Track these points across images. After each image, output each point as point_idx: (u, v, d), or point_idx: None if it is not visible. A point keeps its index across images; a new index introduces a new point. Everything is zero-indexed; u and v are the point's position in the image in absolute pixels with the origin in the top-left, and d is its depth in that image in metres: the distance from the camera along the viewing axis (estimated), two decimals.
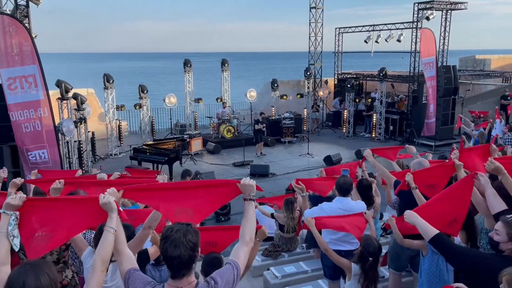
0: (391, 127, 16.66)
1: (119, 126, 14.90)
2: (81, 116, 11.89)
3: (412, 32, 16.49)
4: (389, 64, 20.72)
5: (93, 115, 15.54)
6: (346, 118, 17.31)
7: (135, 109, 15.36)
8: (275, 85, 17.77)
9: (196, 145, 14.29)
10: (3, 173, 4.39)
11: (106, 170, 9.11)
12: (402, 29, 17.08)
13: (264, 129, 15.00)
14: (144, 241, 2.76)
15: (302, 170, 12.66)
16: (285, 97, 18.05)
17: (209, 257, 3.26)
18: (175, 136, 14.85)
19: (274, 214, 6.15)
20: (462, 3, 17.01)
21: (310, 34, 19.90)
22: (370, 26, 18.41)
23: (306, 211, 4.87)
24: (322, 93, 19.03)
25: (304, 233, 6.37)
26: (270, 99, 18.42)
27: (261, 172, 12.16)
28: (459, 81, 17.14)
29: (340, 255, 4.00)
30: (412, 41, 16.48)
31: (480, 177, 3.04)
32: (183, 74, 16.64)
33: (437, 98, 14.76)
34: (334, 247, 4.26)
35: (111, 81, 14.16)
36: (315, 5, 19.47)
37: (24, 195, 2.28)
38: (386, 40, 17.65)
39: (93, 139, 13.60)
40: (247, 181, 2.48)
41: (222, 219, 8.96)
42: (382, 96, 16.50)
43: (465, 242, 3.30)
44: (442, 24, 18.01)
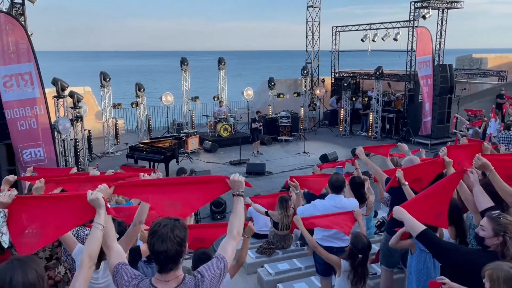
0: (388, 126, 16.71)
1: (116, 125, 14.90)
2: (77, 114, 11.89)
3: (408, 31, 16.54)
4: (386, 63, 20.72)
5: (90, 113, 15.53)
6: (342, 116, 17.35)
7: (132, 107, 15.35)
8: (272, 83, 17.80)
9: (192, 143, 14.30)
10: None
11: (102, 168, 9.12)
12: (398, 28, 17.12)
13: (260, 127, 15.03)
14: (134, 237, 2.79)
15: (298, 168, 12.69)
16: (282, 95, 18.08)
17: (197, 252, 3.30)
18: (172, 134, 14.86)
19: (269, 212, 6.18)
20: (458, 2, 17.06)
21: (307, 33, 19.92)
22: (367, 25, 18.44)
23: (299, 208, 4.91)
24: (319, 91, 19.06)
25: (298, 230, 6.41)
26: (267, 98, 18.44)
27: (257, 170, 12.18)
28: (456, 80, 17.20)
29: (332, 252, 4.04)
30: (408, 40, 16.54)
31: (470, 173, 3.08)
32: (180, 72, 16.65)
33: (433, 96, 14.82)
34: (326, 244, 4.30)
35: (108, 79, 14.15)
36: (312, 4, 19.49)
37: (14, 193, 2.29)
38: (382, 39, 17.69)
39: (89, 137, 13.60)
40: (236, 177, 2.51)
41: (218, 217, 9.00)
42: (378, 94, 16.54)
43: (454, 238, 3.34)
44: (438, 23, 18.07)
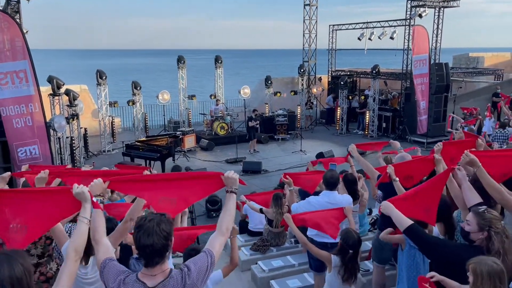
0: (384, 124, 16.75)
1: (112, 123, 14.89)
2: (73, 112, 11.88)
3: (405, 29, 16.57)
4: (383, 61, 20.77)
5: (86, 112, 15.52)
6: (339, 115, 17.38)
7: (129, 105, 15.34)
8: (269, 82, 17.81)
9: (189, 141, 14.32)
10: None
11: (98, 167, 9.13)
12: (395, 26, 17.15)
13: (257, 126, 15.04)
14: (124, 234, 2.79)
15: (294, 167, 12.70)
16: (279, 94, 18.10)
17: (188, 249, 3.32)
18: (168, 132, 14.86)
19: (263, 209, 6.20)
20: (454, 1, 17.11)
21: (304, 32, 19.93)
22: (364, 23, 18.46)
23: (293, 205, 4.93)
24: (315, 90, 19.08)
25: None
26: (264, 96, 18.45)
27: (253, 169, 12.20)
28: (452, 78, 17.24)
29: (326, 248, 4.06)
30: (405, 38, 16.56)
31: (457, 171, 3.10)
32: (177, 71, 16.66)
33: (429, 95, 14.86)
34: (320, 240, 4.33)
35: (104, 77, 14.14)
36: (309, 2, 19.49)
37: None
38: (379, 37, 17.70)
39: (85, 136, 13.59)
40: (231, 174, 2.52)
41: (214, 215, 9.01)
42: (375, 93, 16.58)
43: (443, 235, 3.37)
44: (434, 21, 18.10)
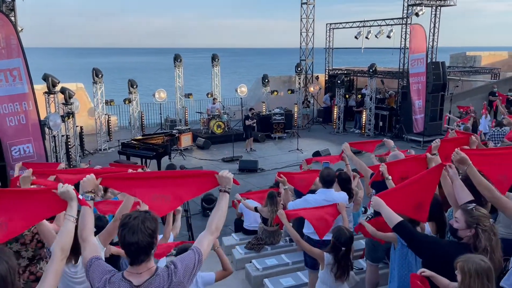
0: (381, 123, 16.76)
1: (108, 121, 14.84)
2: (69, 110, 11.83)
3: (401, 28, 16.56)
4: (380, 60, 20.77)
5: (82, 110, 15.48)
6: (336, 114, 17.37)
7: (125, 104, 15.30)
8: (266, 80, 17.78)
9: (185, 140, 14.29)
10: None
11: (94, 165, 9.08)
12: (392, 25, 17.15)
13: (254, 125, 15.02)
14: (114, 233, 2.76)
15: (291, 165, 12.69)
16: (275, 92, 18.08)
17: (180, 248, 3.31)
18: (164, 131, 14.83)
19: (258, 208, 6.20)
20: None
21: (301, 30, 19.90)
22: (361, 22, 18.45)
23: (290, 203, 4.92)
24: (312, 89, 19.07)
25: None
26: (261, 95, 18.43)
27: (250, 167, 12.18)
28: (449, 77, 17.25)
29: (324, 245, 4.06)
30: (401, 37, 16.56)
31: (448, 168, 3.10)
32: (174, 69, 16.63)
33: (426, 94, 14.87)
34: (318, 237, 4.31)
35: (100, 75, 14.08)
36: (306, 0, 19.46)
37: None
38: (376, 36, 17.70)
39: (81, 134, 13.54)
40: (225, 173, 2.50)
41: (209, 214, 8.97)
42: (372, 92, 16.57)
43: (435, 233, 3.37)
44: (431, 20, 18.10)
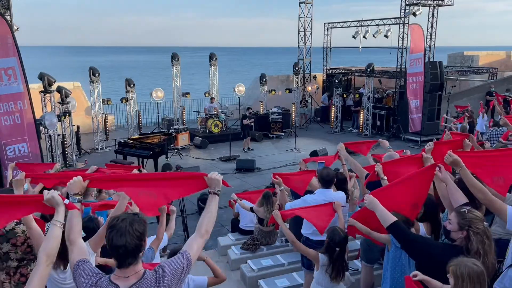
0: (378, 123, 16.76)
1: (105, 120, 14.80)
2: (65, 109, 11.78)
3: (399, 28, 16.54)
4: (378, 60, 20.77)
5: (79, 109, 15.43)
6: (334, 113, 17.36)
7: (122, 103, 15.26)
8: (264, 80, 17.76)
9: (183, 139, 14.26)
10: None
11: (91, 164, 9.03)
12: (389, 24, 17.13)
13: (252, 124, 15.00)
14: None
15: (288, 165, 12.68)
16: (273, 92, 18.06)
17: (172, 251, 3.29)
18: (162, 130, 14.80)
19: (254, 208, 6.18)
20: None
21: (299, 29, 19.88)
22: (358, 21, 18.43)
23: (288, 204, 4.90)
24: (310, 88, 19.06)
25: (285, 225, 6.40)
26: (258, 94, 18.41)
27: (247, 167, 12.16)
28: (446, 77, 17.25)
29: (322, 246, 4.04)
30: (399, 37, 16.55)
31: (438, 172, 3.07)
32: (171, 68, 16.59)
33: (423, 94, 14.87)
34: (317, 238, 4.30)
35: (97, 74, 14.03)
36: (304, 0, 19.42)
37: None
38: (373, 35, 17.68)
39: (78, 133, 13.48)
40: (214, 175, 2.48)
41: None
42: (369, 91, 16.57)
43: (429, 234, 3.36)
44: (429, 20, 18.10)
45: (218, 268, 3.17)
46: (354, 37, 18.41)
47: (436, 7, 17.73)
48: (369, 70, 16.35)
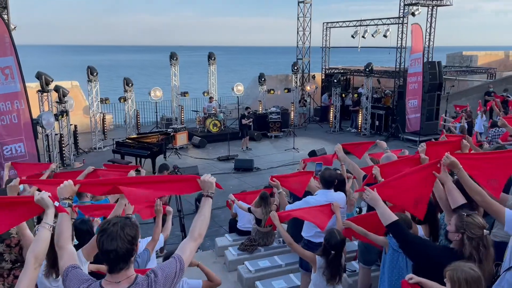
0: (377, 123, 16.74)
1: (103, 120, 14.75)
2: (62, 109, 11.73)
3: (398, 27, 16.53)
4: (377, 59, 20.75)
5: (77, 108, 15.38)
6: (332, 113, 17.34)
7: (120, 102, 15.22)
8: (262, 79, 17.74)
9: (181, 139, 14.22)
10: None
11: (89, 164, 8.96)
12: (388, 24, 17.11)
13: (250, 124, 14.97)
14: None
15: (286, 164, 12.66)
16: (272, 91, 18.04)
17: (166, 254, 3.26)
18: (160, 130, 14.76)
19: (251, 209, 6.14)
20: None
21: (298, 29, 19.84)
22: (357, 21, 18.42)
23: (288, 206, 4.85)
24: (309, 88, 19.03)
25: (284, 227, 6.37)
26: (257, 94, 18.38)
27: (245, 166, 12.13)
28: (445, 77, 17.24)
29: None
30: (398, 36, 16.53)
31: (440, 170, 3.05)
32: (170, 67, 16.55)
33: (422, 93, 14.86)
34: (319, 240, 4.26)
35: (95, 73, 13.98)
36: None
37: None
38: (372, 35, 17.66)
39: (75, 132, 13.44)
40: (207, 177, 2.45)
41: None
42: (368, 91, 16.54)
43: (427, 236, 3.35)
44: (428, 20, 18.08)
45: (212, 272, 3.14)
46: (353, 36, 18.40)
47: (435, 7, 17.72)
48: (368, 70, 16.32)
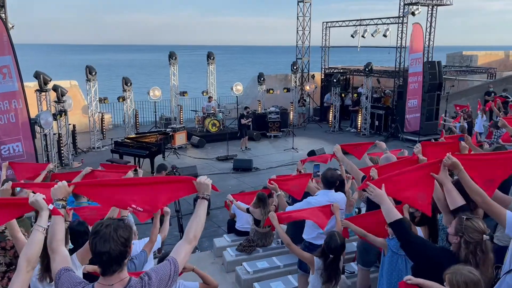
0: (377, 122, 16.71)
1: (102, 119, 14.71)
2: (61, 108, 11.68)
3: (398, 27, 16.49)
4: (377, 59, 20.73)
5: (76, 108, 15.35)
6: (332, 113, 17.31)
7: (119, 102, 15.18)
8: (262, 79, 17.70)
9: (180, 138, 14.18)
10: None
11: (87, 164, 8.96)
12: (388, 24, 17.07)
13: (249, 123, 14.93)
14: None
15: (285, 164, 12.62)
16: (271, 91, 18.00)
17: (160, 256, 3.23)
18: (158, 129, 14.72)
19: (250, 209, 6.11)
20: None
21: (298, 28, 19.80)
22: (357, 20, 18.37)
23: (288, 207, 4.81)
24: (308, 87, 19.00)
25: (283, 228, 6.34)
26: (256, 93, 18.35)
27: (244, 166, 12.10)
28: (445, 77, 17.21)
29: None
30: (398, 36, 16.50)
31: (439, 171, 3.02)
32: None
33: (422, 93, 14.83)
34: (321, 242, 4.23)
35: (94, 73, 13.94)
36: None
37: None
38: (372, 35, 17.63)
39: (74, 132, 13.39)
40: (203, 179, 2.43)
41: None
42: (368, 91, 16.51)
43: (427, 238, 3.32)
44: (428, 19, 18.05)
45: (209, 275, 3.11)
46: (352, 36, 18.37)
47: (435, 7, 17.68)
48: (367, 69, 16.29)
